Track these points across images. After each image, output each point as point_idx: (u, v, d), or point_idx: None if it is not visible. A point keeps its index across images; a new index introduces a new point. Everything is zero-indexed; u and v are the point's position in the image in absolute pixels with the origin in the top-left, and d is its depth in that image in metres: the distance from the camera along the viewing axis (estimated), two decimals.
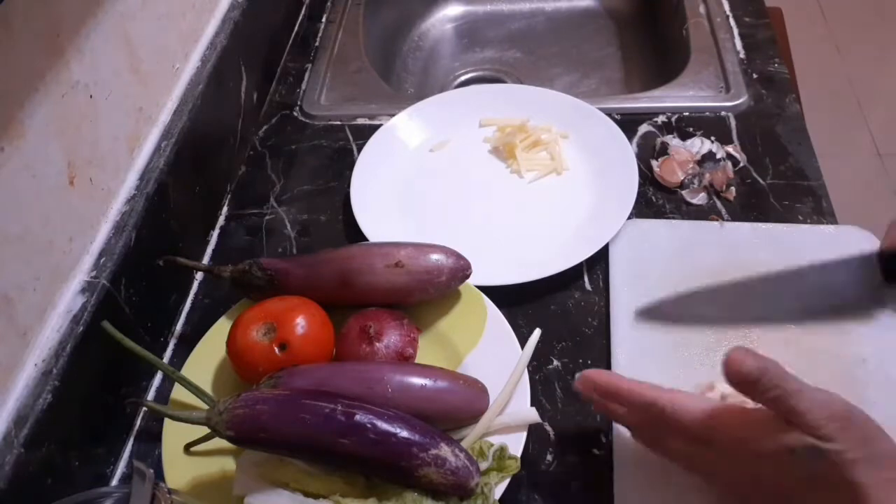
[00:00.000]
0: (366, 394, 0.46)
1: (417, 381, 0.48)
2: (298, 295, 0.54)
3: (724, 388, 0.45)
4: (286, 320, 0.51)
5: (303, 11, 0.90)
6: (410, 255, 0.53)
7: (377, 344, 0.52)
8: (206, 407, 0.44)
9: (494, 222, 0.66)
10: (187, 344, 0.58)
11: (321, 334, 0.52)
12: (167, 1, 0.63)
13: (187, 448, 0.49)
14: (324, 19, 0.89)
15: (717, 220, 0.63)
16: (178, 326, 0.61)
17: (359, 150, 0.71)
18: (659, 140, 0.69)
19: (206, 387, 0.53)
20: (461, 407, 0.48)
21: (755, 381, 0.36)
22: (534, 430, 0.50)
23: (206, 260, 0.66)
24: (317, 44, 0.86)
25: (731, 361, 0.36)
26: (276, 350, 0.50)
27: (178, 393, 0.52)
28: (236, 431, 0.43)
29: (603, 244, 0.60)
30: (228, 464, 0.49)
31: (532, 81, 0.88)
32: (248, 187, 0.72)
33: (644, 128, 0.72)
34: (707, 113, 0.72)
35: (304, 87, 0.81)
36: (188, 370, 0.54)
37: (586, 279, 0.61)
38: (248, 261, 0.56)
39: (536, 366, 0.55)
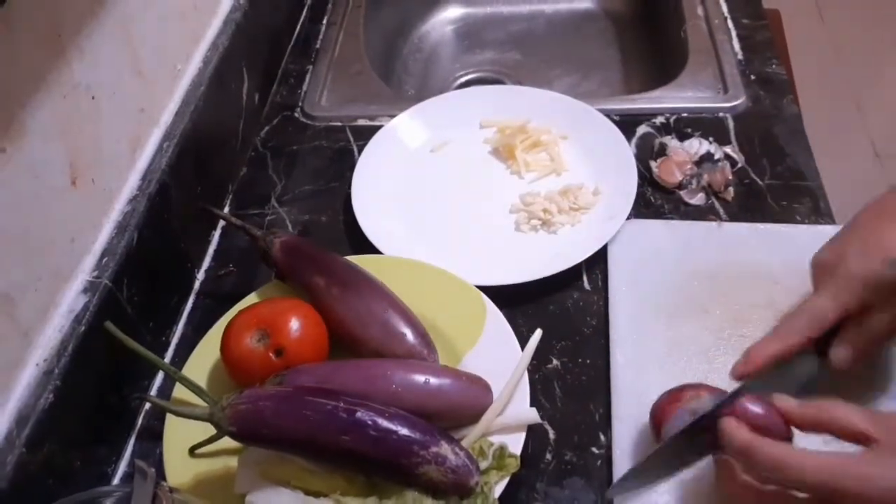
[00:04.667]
0: (370, 389, 0.47)
1: (420, 377, 0.48)
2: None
3: None
4: (279, 325, 0.51)
5: (304, 13, 0.91)
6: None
7: None
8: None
9: (494, 222, 0.66)
10: (188, 344, 0.58)
11: (315, 334, 0.52)
12: (169, 2, 0.63)
13: (192, 451, 0.49)
14: (325, 21, 0.89)
15: (715, 220, 0.63)
16: (180, 326, 0.61)
17: (359, 151, 0.71)
18: (657, 141, 0.69)
19: (208, 386, 0.53)
20: (464, 403, 0.49)
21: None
22: (533, 429, 0.51)
23: (207, 261, 0.66)
24: (318, 45, 0.86)
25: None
26: (272, 356, 0.50)
27: (180, 392, 0.53)
28: (238, 427, 0.43)
29: (602, 244, 0.60)
30: (230, 463, 0.49)
31: (532, 83, 0.88)
32: (249, 188, 0.72)
33: (643, 129, 0.72)
34: (705, 114, 0.72)
35: (305, 88, 0.81)
36: (189, 370, 0.54)
37: (585, 279, 0.61)
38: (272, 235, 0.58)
39: (536, 365, 0.55)
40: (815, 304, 0.46)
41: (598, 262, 0.61)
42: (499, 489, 0.46)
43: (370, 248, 0.62)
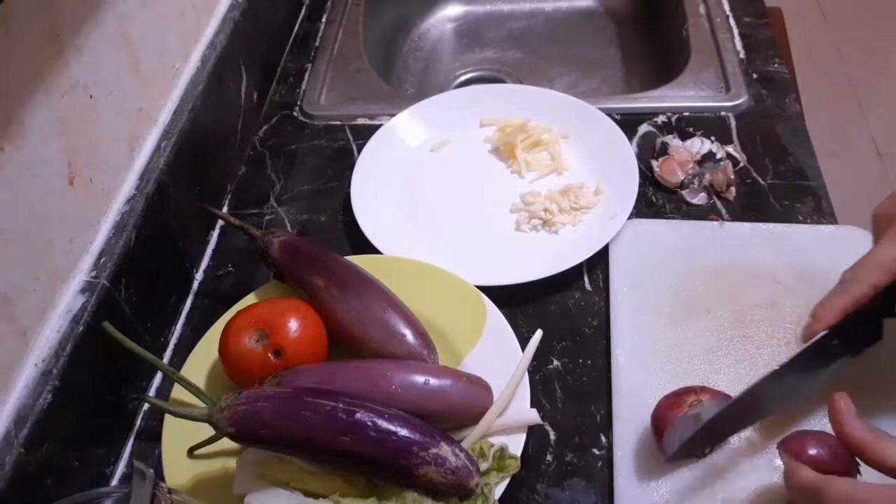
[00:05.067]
0: (370, 390, 0.47)
1: (420, 377, 0.48)
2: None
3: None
4: (278, 325, 0.50)
5: (303, 11, 0.90)
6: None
7: None
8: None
9: (495, 222, 0.66)
10: (187, 344, 0.58)
11: (315, 335, 0.52)
12: (167, 1, 0.63)
13: (191, 451, 0.49)
14: (324, 19, 0.89)
15: (716, 220, 0.63)
16: (178, 326, 0.61)
17: (359, 151, 0.71)
18: (659, 140, 0.69)
19: (206, 387, 0.53)
20: (464, 404, 0.48)
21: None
22: (534, 430, 0.50)
23: (205, 261, 0.66)
24: (317, 44, 0.86)
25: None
26: (272, 356, 0.50)
27: (178, 393, 0.52)
28: (237, 428, 0.43)
29: (603, 244, 0.60)
30: (228, 463, 0.49)
31: (532, 81, 0.88)
32: (248, 187, 0.72)
33: (644, 128, 0.72)
34: (707, 113, 0.72)
35: (304, 87, 0.81)
36: (187, 370, 0.54)
37: (586, 279, 0.61)
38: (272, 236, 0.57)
39: (536, 366, 0.55)
40: (878, 252, 0.45)
41: (599, 262, 0.61)
42: (499, 490, 0.46)
43: (370, 248, 0.62)
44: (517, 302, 0.58)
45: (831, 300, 0.46)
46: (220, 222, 0.68)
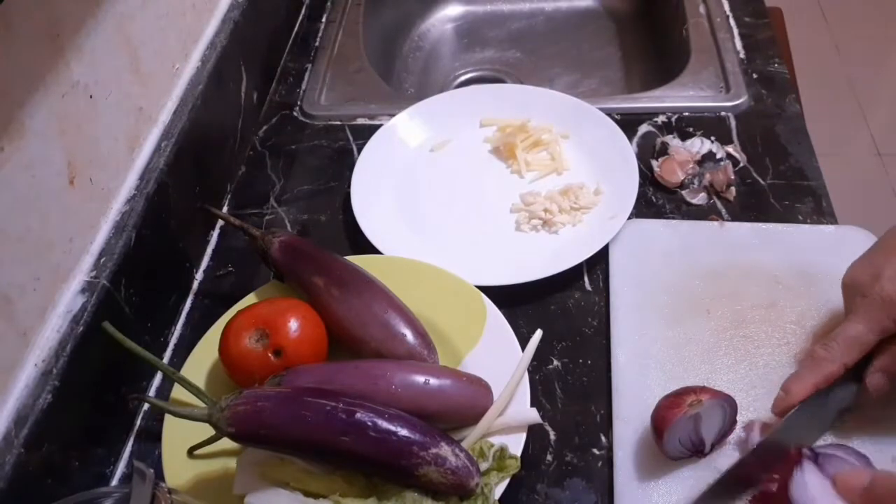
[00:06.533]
0: (370, 389, 0.47)
1: (421, 377, 0.48)
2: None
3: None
4: (278, 325, 0.50)
5: (303, 11, 0.90)
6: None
7: None
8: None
9: (495, 222, 0.66)
10: (187, 344, 0.58)
11: (314, 335, 0.52)
12: (167, 1, 0.63)
13: (191, 452, 0.49)
14: (324, 19, 0.89)
15: (716, 220, 0.63)
16: (178, 326, 0.61)
17: (359, 151, 0.71)
18: (659, 140, 0.69)
19: (206, 387, 0.53)
20: (464, 404, 0.49)
21: None
22: (534, 430, 0.50)
23: (205, 261, 0.66)
24: (317, 44, 0.86)
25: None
26: (272, 356, 0.50)
27: (178, 393, 0.53)
28: (237, 428, 0.43)
29: (603, 244, 0.60)
30: (228, 463, 0.49)
31: (532, 81, 0.88)
32: (248, 187, 0.72)
33: (644, 128, 0.72)
34: (707, 113, 0.72)
35: (304, 87, 0.81)
36: (188, 370, 0.54)
37: (586, 279, 0.61)
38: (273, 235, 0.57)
39: (536, 366, 0.55)
40: (850, 329, 0.46)
41: (599, 262, 0.61)
42: (499, 490, 0.46)
43: (370, 248, 0.62)
44: (517, 302, 0.58)
45: (803, 377, 0.46)
46: (220, 222, 0.68)
